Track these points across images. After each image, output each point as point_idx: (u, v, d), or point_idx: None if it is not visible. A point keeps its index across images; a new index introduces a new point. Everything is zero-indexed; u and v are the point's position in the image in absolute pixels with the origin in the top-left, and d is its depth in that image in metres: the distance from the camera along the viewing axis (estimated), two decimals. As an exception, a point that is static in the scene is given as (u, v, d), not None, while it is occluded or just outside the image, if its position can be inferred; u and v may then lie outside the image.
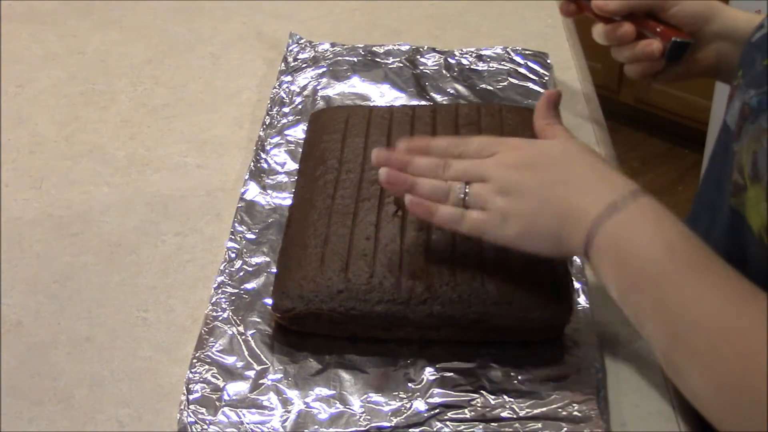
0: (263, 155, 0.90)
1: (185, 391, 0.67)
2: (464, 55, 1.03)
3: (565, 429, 0.64)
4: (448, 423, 0.65)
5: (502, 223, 0.66)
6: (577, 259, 0.77)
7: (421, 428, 0.65)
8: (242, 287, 0.76)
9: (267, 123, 0.94)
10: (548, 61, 1.02)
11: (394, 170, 0.69)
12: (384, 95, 0.98)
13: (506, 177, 0.67)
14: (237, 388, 0.68)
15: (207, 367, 0.69)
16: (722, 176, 0.73)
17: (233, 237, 0.80)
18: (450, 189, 0.68)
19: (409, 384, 0.68)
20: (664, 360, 0.61)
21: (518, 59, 1.02)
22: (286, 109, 0.96)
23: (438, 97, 0.98)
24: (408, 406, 0.66)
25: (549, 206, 0.65)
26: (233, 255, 0.79)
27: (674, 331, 0.58)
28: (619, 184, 0.64)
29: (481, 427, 0.65)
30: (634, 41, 0.85)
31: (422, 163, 0.70)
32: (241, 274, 0.77)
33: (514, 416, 0.65)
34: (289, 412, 0.66)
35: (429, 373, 0.68)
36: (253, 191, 0.85)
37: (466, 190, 0.68)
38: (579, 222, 0.63)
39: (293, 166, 0.88)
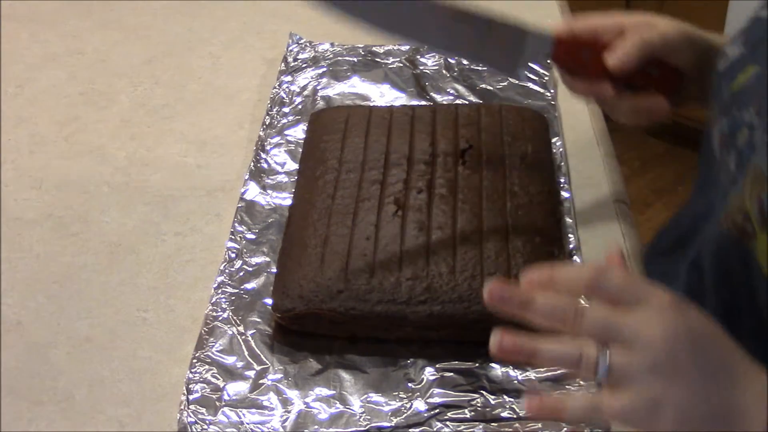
0: (263, 155, 0.90)
1: (185, 391, 0.67)
2: (464, 55, 1.03)
3: (565, 429, 0.64)
4: (448, 423, 0.65)
5: (652, 413, 0.54)
6: (576, 259, 0.77)
7: (421, 428, 0.65)
8: (242, 287, 0.76)
9: (267, 123, 0.94)
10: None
11: (510, 335, 0.56)
12: (384, 95, 0.98)
13: (660, 349, 0.54)
14: (237, 388, 0.68)
15: (207, 367, 0.69)
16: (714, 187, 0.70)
17: (233, 237, 0.80)
18: (582, 357, 0.55)
19: (409, 384, 0.68)
20: None
21: (518, 59, 1.02)
22: (286, 109, 0.96)
23: (438, 97, 0.98)
24: (408, 406, 0.66)
25: (707, 402, 0.54)
26: (233, 255, 0.79)
27: None
28: (760, 369, 0.56)
29: (481, 427, 0.65)
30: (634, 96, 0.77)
31: (548, 305, 0.56)
32: (241, 274, 0.77)
33: (514, 416, 0.65)
34: (289, 412, 0.66)
35: (429, 373, 0.68)
36: (253, 191, 0.85)
37: (608, 364, 0.54)
38: (740, 427, 0.54)
39: (293, 166, 0.88)
